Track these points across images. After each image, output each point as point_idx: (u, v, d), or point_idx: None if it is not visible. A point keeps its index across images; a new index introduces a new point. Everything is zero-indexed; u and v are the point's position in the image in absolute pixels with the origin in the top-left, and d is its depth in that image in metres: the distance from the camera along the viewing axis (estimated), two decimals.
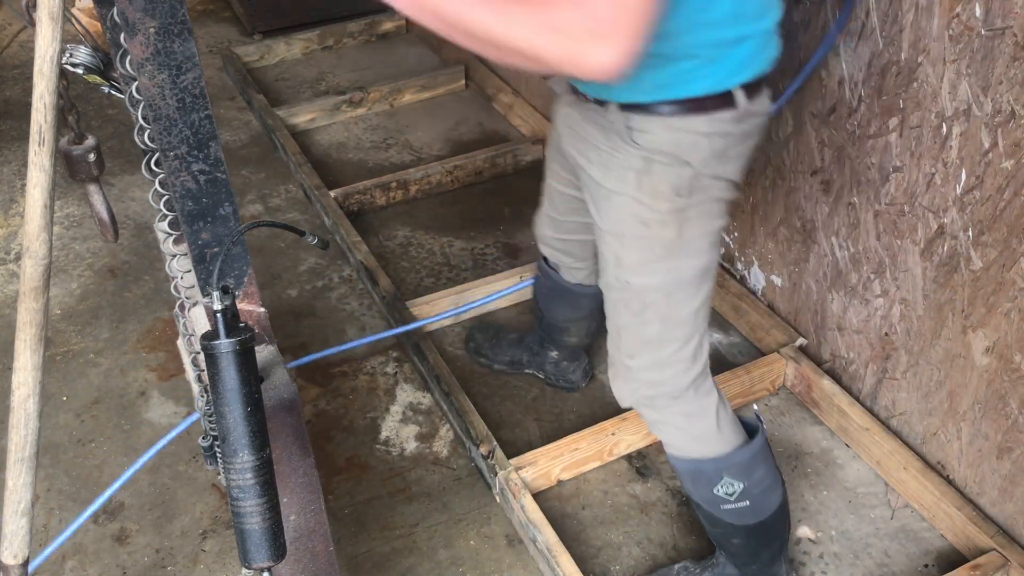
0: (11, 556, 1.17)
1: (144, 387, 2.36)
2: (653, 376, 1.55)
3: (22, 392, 1.11)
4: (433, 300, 2.50)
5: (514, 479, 1.97)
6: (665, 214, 1.40)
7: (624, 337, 1.55)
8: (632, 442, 2.12)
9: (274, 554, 1.06)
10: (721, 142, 1.36)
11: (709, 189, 1.40)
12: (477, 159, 3.07)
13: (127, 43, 0.98)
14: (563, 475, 2.07)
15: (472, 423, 2.11)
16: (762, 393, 2.25)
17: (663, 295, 1.48)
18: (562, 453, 2.04)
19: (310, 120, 3.43)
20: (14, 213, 3.02)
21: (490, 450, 2.04)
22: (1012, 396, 1.73)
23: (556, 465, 2.04)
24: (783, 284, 2.33)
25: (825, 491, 2.04)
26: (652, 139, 1.35)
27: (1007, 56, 1.53)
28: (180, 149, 1.06)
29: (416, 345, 2.35)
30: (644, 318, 1.50)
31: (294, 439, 1.25)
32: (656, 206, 1.40)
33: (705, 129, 1.34)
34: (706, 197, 1.41)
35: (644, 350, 1.54)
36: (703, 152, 1.36)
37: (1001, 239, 1.66)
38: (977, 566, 1.78)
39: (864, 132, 1.90)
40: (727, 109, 1.34)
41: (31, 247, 1.07)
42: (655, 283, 1.47)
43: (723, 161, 1.39)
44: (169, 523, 2.02)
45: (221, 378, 1.04)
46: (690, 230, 1.43)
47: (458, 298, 2.50)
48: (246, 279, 1.19)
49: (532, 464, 2.02)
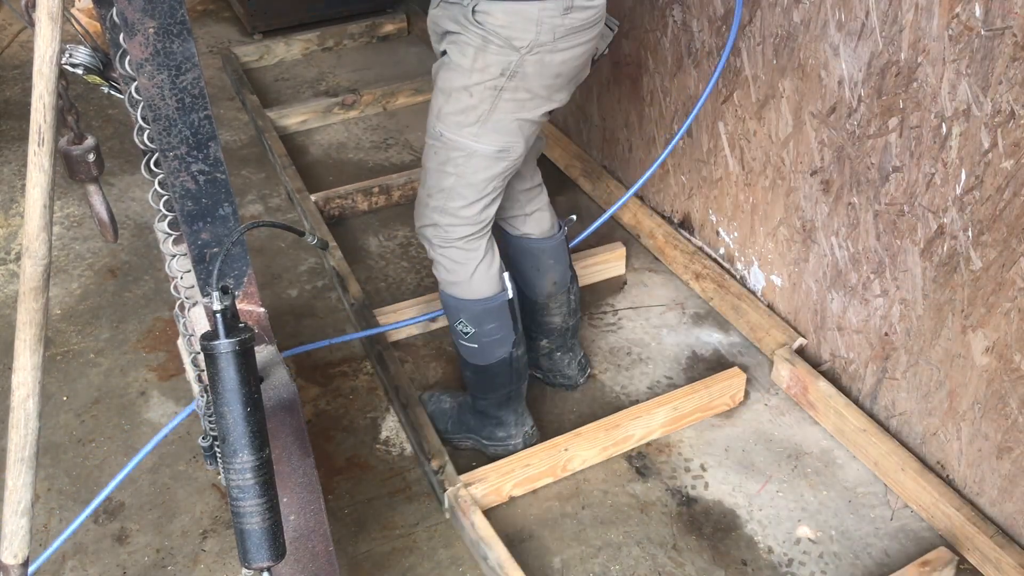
0: (11, 556, 1.17)
1: (144, 387, 2.36)
2: (437, 219, 1.86)
3: (22, 392, 1.11)
4: (400, 309, 2.46)
5: (463, 495, 1.94)
6: (486, 89, 1.68)
7: (428, 178, 1.85)
8: (587, 458, 2.08)
9: (274, 554, 1.06)
10: (548, 32, 1.62)
11: (529, 78, 1.67)
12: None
13: (126, 43, 0.98)
14: (515, 491, 2.03)
15: (426, 437, 2.08)
16: (722, 408, 2.22)
17: (464, 156, 1.76)
18: (513, 469, 2.00)
19: (302, 122, 3.42)
20: (14, 213, 3.02)
21: (441, 465, 2.01)
22: (1012, 396, 1.73)
23: (507, 481, 2.00)
24: (783, 284, 2.33)
25: (825, 491, 2.04)
26: (491, 20, 1.61)
27: (1007, 56, 1.53)
28: (180, 149, 1.06)
29: (379, 354, 2.32)
30: (444, 169, 1.80)
31: (294, 439, 1.25)
32: (482, 80, 1.67)
33: (535, 16, 1.60)
34: (524, 85, 1.68)
35: (438, 195, 1.84)
36: (530, 37, 1.62)
37: (1001, 239, 1.66)
38: (926, 563, 1.80)
39: (864, 132, 1.90)
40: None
41: (31, 247, 1.07)
42: (459, 143, 1.75)
43: (553, 51, 1.65)
44: (169, 523, 2.02)
45: (221, 378, 1.04)
46: (501, 110, 1.70)
47: (427, 307, 2.46)
48: (246, 279, 1.19)
49: (482, 480, 1.98)
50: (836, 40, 1.89)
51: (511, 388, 2.05)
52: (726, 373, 2.22)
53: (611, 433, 2.09)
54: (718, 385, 2.19)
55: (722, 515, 2.00)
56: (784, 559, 1.90)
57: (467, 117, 1.72)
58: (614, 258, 2.66)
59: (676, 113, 2.53)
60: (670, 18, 2.41)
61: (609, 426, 2.10)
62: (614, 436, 2.10)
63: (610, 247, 2.67)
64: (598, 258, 2.64)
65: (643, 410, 2.13)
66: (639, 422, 2.12)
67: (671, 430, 2.18)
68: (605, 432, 2.09)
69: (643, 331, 2.49)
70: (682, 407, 2.16)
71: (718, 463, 2.11)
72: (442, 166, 1.80)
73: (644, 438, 2.15)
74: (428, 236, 1.90)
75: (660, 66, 2.53)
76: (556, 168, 3.13)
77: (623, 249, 2.67)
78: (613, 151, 2.92)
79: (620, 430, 2.10)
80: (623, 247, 2.67)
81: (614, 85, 2.78)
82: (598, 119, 2.94)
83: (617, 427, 2.10)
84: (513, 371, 2.02)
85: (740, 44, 2.18)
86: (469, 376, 2.07)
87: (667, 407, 2.14)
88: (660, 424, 2.15)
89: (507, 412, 2.09)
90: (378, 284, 2.68)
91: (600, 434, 2.08)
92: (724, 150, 2.38)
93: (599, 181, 2.95)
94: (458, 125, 1.74)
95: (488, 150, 1.75)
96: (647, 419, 2.12)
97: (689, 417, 2.18)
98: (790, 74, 2.05)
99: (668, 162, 2.65)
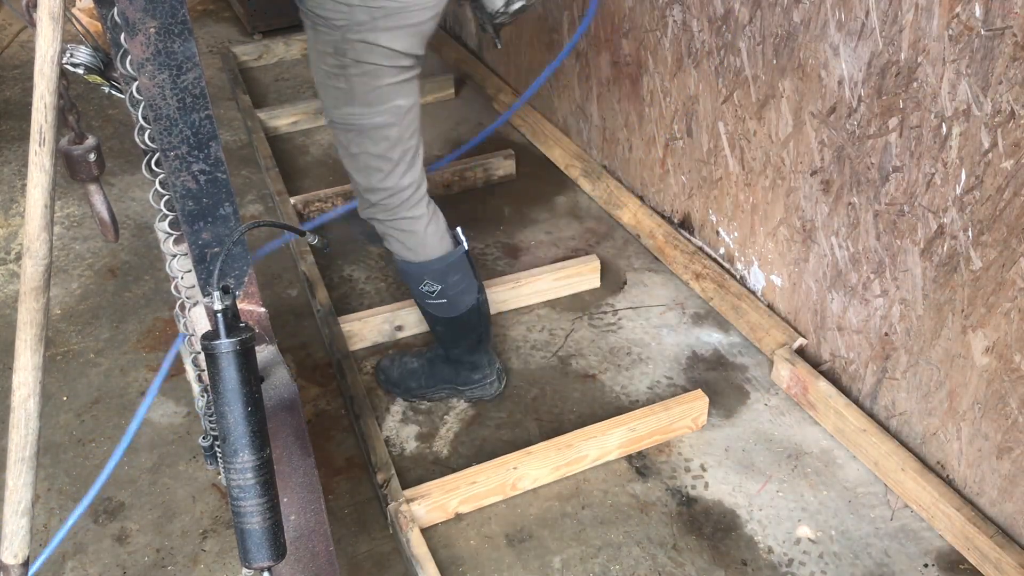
0: (11, 556, 1.17)
1: (144, 387, 2.36)
2: (369, 197, 1.97)
3: (22, 392, 1.11)
4: (364, 317, 2.43)
5: (404, 511, 1.90)
6: (332, 68, 1.78)
7: (346, 166, 1.97)
8: (537, 476, 2.03)
9: (274, 554, 1.06)
10: (366, 12, 1.68)
11: (363, 53, 1.73)
12: (445, 172, 3.00)
13: (127, 43, 0.98)
14: (461, 508, 1.99)
15: (374, 448, 2.06)
16: (684, 431, 2.17)
17: (351, 135, 1.87)
18: (459, 486, 1.97)
19: (292, 123, 3.41)
20: (14, 213, 3.02)
21: (386, 479, 1.98)
22: (1012, 396, 1.73)
23: (453, 498, 1.96)
24: (783, 284, 2.33)
25: (825, 491, 2.04)
26: (312, 3, 1.71)
27: (1007, 56, 1.53)
28: (180, 149, 1.06)
29: (338, 363, 2.31)
30: (347, 151, 1.91)
31: (294, 439, 1.25)
32: (326, 61, 1.77)
33: (348, 0, 1.67)
34: (362, 59, 1.74)
35: (358, 176, 1.94)
36: (347, 19, 1.69)
37: (1001, 239, 1.66)
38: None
39: (864, 132, 1.90)
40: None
41: (31, 247, 1.07)
42: (340, 124, 1.86)
43: (374, 31, 1.70)
44: (169, 523, 2.02)
45: (221, 378, 1.04)
46: (357, 85, 1.78)
47: (392, 315, 2.44)
48: (246, 279, 1.19)
49: (426, 496, 1.94)
50: (836, 40, 1.89)
51: (480, 331, 2.18)
52: (689, 395, 2.16)
53: (563, 453, 2.04)
54: (679, 408, 2.13)
55: (722, 515, 2.00)
56: (784, 559, 1.90)
57: (335, 99, 1.83)
58: (588, 271, 2.61)
59: (676, 113, 2.53)
60: (670, 18, 2.41)
61: (561, 445, 2.04)
62: (567, 456, 2.05)
63: (584, 260, 2.62)
64: (572, 270, 2.59)
65: (598, 430, 2.07)
66: (593, 442, 2.06)
67: (628, 451, 2.12)
68: (557, 451, 2.04)
69: (643, 331, 2.49)
70: (639, 428, 2.10)
71: (718, 463, 2.11)
72: (345, 149, 1.91)
73: (599, 459, 2.10)
74: (372, 216, 2.00)
75: (660, 66, 2.53)
76: (556, 168, 3.13)
77: (597, 262, 2.62)
78: (613, 151, 2.92)
79: (573, 450, 2.05)
80: (597, 260, 2.63)
81: (614, 85, 2.78)
82: (598, 119, 2.94)
83: (570, 447, 2.04)
84: (481, 315, 2.15)
85: (740, 44, 2.18)
86: (441, 330, 2.18)
87: (623, 428, 2.08)
88: (616, 445, 2.09)
89: (479, 355, 2.22)
90: (345, 288, 2.68)
91: (552, 453, 2.03)
92: (724, 150, 2.38)
93: (599, 181, 2.95)
94: (331, 108, 1.85)
95: (366, 125, 1.84)
96: (601, 440, 2.07)
97: (647, 439, 2.12)
98: (790, 74, 2.05)
99: (668, 162, 2.65)
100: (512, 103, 3.35)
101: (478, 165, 3.04)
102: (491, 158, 3.06)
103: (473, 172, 3.03)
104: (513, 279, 2.55)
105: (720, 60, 2.27)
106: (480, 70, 3.59)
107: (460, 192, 3.04)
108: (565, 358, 2.41)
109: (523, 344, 2.46)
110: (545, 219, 2.92)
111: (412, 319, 2.46)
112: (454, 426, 2.23)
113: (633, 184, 2.87)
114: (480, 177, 3.05)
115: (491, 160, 3.06)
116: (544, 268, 2.60)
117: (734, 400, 2.27)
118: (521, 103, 2.80)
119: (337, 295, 2.64)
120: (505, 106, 3.40)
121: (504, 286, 2.53)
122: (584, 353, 2.42)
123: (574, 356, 2.42)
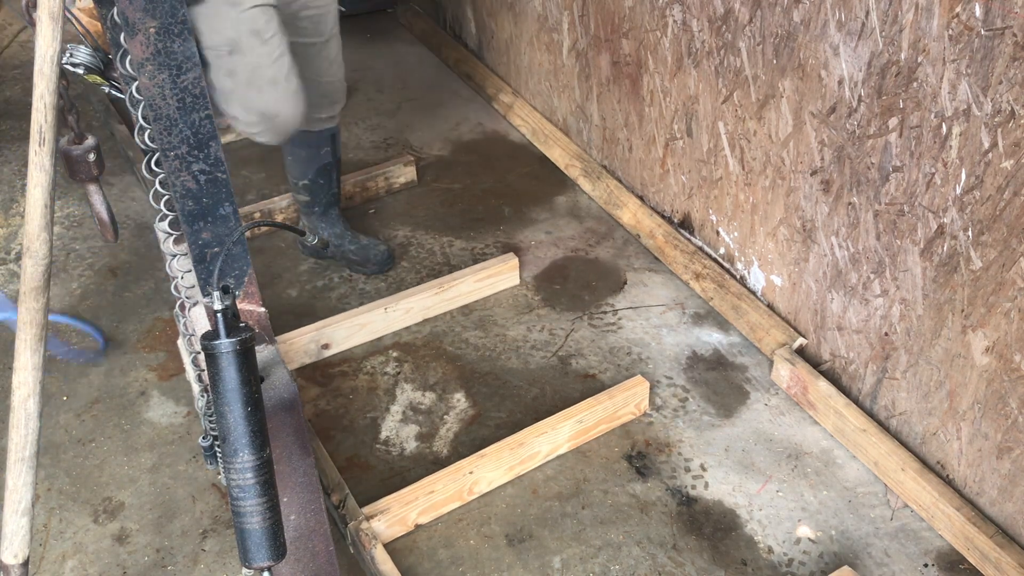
0: (11, 555, 1.18)
1: (144, 387, 2.36)
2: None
3: (22, 392, 1.11)
4: (291, 339, 2.36)
5: (365, 529, 1.88)
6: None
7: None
8: (493, 479, 2.04)
9: (274, 554, 1.06)
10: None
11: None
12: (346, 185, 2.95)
13: (127, 43, 0.98)
14: (420, 519, 1.98)
15: (323, 470, 2.03)
16: (628, 417, 2.19)
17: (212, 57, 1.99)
18: (417, 497, 1.95)
19: None
20: (14, 213, 3.02)
21: (341, 499, 1.96)
22: (1012, 396, 1.73)
23: (411, 510, 1.95)
24: (783, 284, 2.33)
25: (825, 491, 2.04)
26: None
27: (1007, 56, 1.53)
28: (180, 149, 1.06)
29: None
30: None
31: (294, 439, 1.25)
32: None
33: None
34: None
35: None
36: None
37: (1001, 239, 1.66)
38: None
39: (864, 132, 1.90)
40: None
41: (31, 247, 1.07)
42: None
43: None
44: (169, 523, 2.02)
45: (221, 378, 1.04)
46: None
47: (317, 335, 2.38)
48: (246, 279, 1.20)
49: (385, 511, 1.92)
50: (836, 40, 1.89)
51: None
52: (629, 382, 2.19)
53: (516, 452, 2.05)
54: (622, 395, 2.15)
55: (722, 515, 2.00)
56: (784, 559, 1.90)
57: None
58: (507, 269, 2.61)
59: (676, 113, 2.53)
60: (670, 18, 2.41)
61: (514, 444, 2.05)
62: (520, 455, 2.06)
63: (503, 259, 2.62)
64: (492, 270, 2.58)
65: (547, 426, 2.09)
66: (544, 438, 2.07)
67: (579, 443, 2.14)
68: (510, 451, 2.04)
69: (643, 331, 2.49)
70: (587, 419, 2.12)
71: (718, 463, 2.11)
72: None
73: (551, 454, 2.11)
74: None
75: (660, 66, 2.53)
76: (556, 168, 3.13)
77: (516, 260, 2.62)
78: (613, 151, 2.92)
79: (525, 448, 2.05)
80: (516, 258, 2.62)
81: (614, 85, 2.78)
82: (598, 119, 2.94)
83: (522, 445, 2.05)
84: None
85: (740, 44, 2.18)
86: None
87: (571, 421, 2.10)
88: (567, 438, 2.11)
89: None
90: (346, 288, 2.68)
91: (505, 453, 2.04)
92: (724, 150, 2.38)
93: (599, 181, 2.95)
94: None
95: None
96: (552, 435, 2.08)
97: (595, 429, 2.14)
98: (790, 74, 2.05)
99: (668, 162, 2.65)
100: (512, 103, 3.35)
101: (379, 174, 3.02)
102: (391, 166, 3.05)
103: (375, 181, 3.02)
104: (436, 284, 2.53)
105: (720, 60, 2.27)
106: (480, 70, 3.59)
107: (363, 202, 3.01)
108: (565, 358, 2.41)
109: (523, 344, 2.46)
110: (545, 219, 2.92)
111: (339, 335, 2.42)
112: (454, 426, 2.23)
113: (633, 184, 2.87)
114: (382, 186, 3.04)
115: (391, 168, 3.04)
116: (465, 271, 2.58)
117: (734, 400, 2.27)
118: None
119: (337, 295, 2.64)
120: (505, 106, 3.40)
121: (427, 292, 2.51)
122: (584, 353, 2.42)
123: (574, 356, 2.42)
